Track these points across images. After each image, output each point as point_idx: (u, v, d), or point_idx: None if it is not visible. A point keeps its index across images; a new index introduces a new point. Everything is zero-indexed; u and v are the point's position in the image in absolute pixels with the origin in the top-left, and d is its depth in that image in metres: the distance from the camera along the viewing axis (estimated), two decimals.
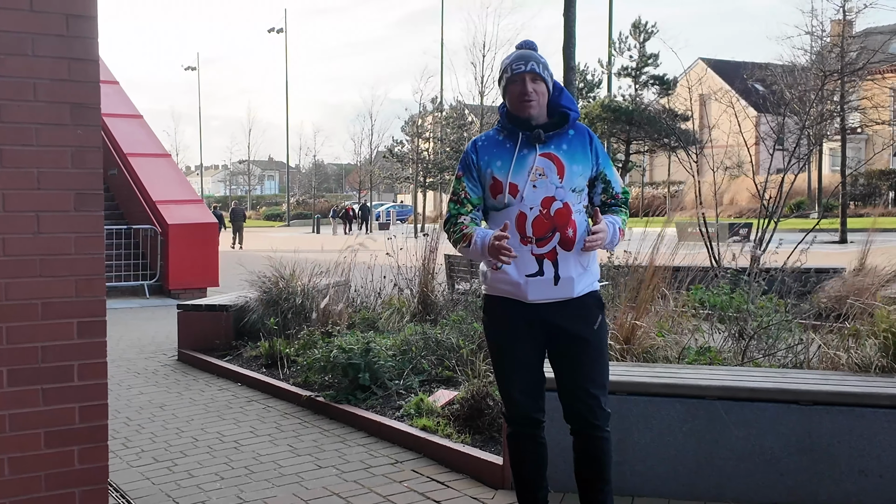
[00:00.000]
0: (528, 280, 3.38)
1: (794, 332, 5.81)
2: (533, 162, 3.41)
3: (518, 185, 3.40)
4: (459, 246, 3.45)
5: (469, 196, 3.49)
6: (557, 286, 3.39)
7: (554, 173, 3.40)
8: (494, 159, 3.45)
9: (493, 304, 3.53)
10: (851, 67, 27.64)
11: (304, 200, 76.60)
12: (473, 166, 3.49)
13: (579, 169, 3.45)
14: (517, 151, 3.43)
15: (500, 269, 3.41)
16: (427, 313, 8.04)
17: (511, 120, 3.48)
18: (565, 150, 3.44)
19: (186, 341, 8.64)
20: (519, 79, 3.41)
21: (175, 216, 14.96)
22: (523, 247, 3.37)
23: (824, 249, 19.87)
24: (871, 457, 4.03)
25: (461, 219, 3.47)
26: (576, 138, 3.49)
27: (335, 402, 6.10)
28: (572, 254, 3.39)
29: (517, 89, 3.41)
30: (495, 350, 3.57)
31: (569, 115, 3.47)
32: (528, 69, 3.40)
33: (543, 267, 3.37)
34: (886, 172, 44.06)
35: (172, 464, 5.16)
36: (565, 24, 8.40)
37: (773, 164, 11.04)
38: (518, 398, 3.52)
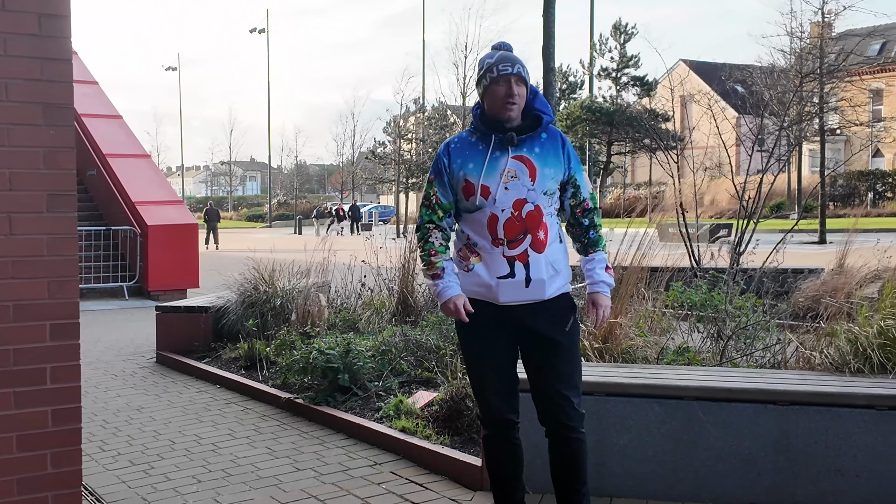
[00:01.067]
0: (500, 282, 3.39)
1: (771, 333, 5.83)
2: (505, 164, 3.41)
3: (490, 187, 3.40)
4: (423, 270, 3.51)
5: (440, 201, 3.51)
6: (529, 288, 3.39)
7: (526, 176, 3.40)
8: (467, 161, 3.45)
9: None
10: (830, 69, 27.85)
11: (286, 201, 76.38)
12: (445, 171, 3.50)
13: (551, 172, 3.45)
14: (490, 153, 3.43)
15: (472, 271, 3.43)
16: (407, 314, 8.03)
17: (484, 122, 3.48)
18: (538, 153, 3.45)
19: (165, 343, 8.58)
20: (504, 80, 3.39)
21: (155, 217, 14.86)
22: (495, 249, 3.39)
23: (804, 250, 20.01)
24: (847, 456, 4.05)
25: (432, 237, 3.51)
26: (548, 141, 3.49)
27: (314, 403, 6.07)
28: (543, 256, 3.41)
29: (502, 91, 3.39)
30: (468, 352, 3.58)
31: (542, 119, 3.47)
32: (515, 72, 3.40)
33: (515, 269, 3.38)
34: (865, 173, 44.47)
35: (149, 467, 5.12)
36: (545, 26, 8.41)
37: (752, 165, 11.09)
38: (491, 400, 3.52)
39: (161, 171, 20.21)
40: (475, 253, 3.45)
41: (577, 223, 3.58)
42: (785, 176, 39.42)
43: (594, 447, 4.14)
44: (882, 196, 43.16)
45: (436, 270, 3.48)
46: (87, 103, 16.16)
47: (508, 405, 3.54)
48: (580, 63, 62.46)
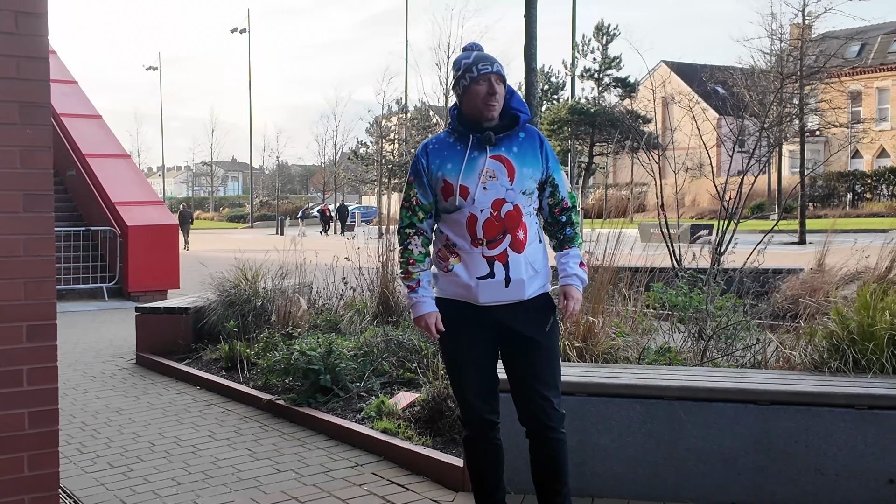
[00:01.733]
0: (480, 282, 3.38)
1: (752, 333, 5.86)
2: (483, 164, 3.40)
3: (469, 187, 3.39)
4: (400, 276, 3.54)
5: (420, 202, 3.49)
6: (508, 288, 3.39)
7: (504, 175, 3.40)
8: (445, 162, 3.44)
9: (445, 307, 3.50)
10: (810, 70, 28.05)
11: (268, 202, 76.13)
12: (424, 172, 3.48)
13: (529, 171, 3.44)
14: (468, 153, 3.42)
15: (451, 272, 3.43)
16: (389, 315, 8.01)
17: (462, 122, 3.47)
18: (515, 153, 3.44)
19: (145, 344, 8.52)
20: (485, 79, 3.38)
21: (135, 218, 14.76)
22: (474, 249, 3.39)
23: (784, 250, 20.14)
24: (827, 456, 4.07)
25: (412, 244, 3.50)
26: (526, 141, 3.48)
27: (295, 405, 6.04)
28: (523, 256, 3.40)
29: (483, 90, 3.38)
30: (448, 353, 3.57)
31: (519, 118, 3.47)
32: (495, 70, 3.38)
33: (494, 269, 3.37)
34: (844, 174, 44.82)
35: (128, 469, 5.07)
36: (526, 26, 8.41)
37: (733, 165, 11.14)
38: (471, 400, 3.51)
39: (141, 171, 20.09)
40: (454, 253, 3.43)
41: (554, 221, 3.57)
42: (765, 177, 39.64)
43: (575, 447, 4.14)
44: (861, 197, 43.52)
45: (411, 282, 3.48)
46: (67, 103, 16.04)
47: (488, 406, 3.52)
48: (563, 64, 62.66)
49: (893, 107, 49.81)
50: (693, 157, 16.66)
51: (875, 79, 50.01)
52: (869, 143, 47.92)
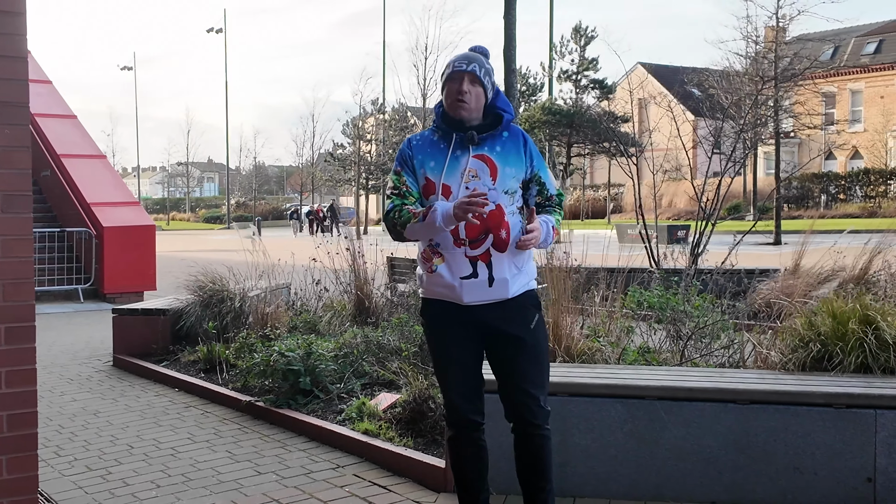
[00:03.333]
0: (463, 282, 3.38)
1: (729, 332, 5.91)
2: (466, 163, 3.40)
3: (451, 186, 3.39)
4: (410, 225, 3.34)
5: (411, 189, 3.45)
6: (492, 287, 3.39)
7: (487, 175, 3.39)
8: (428, 159, 3.44)
9: (430, 307, 3.51)
10: (785, 73, 28.30)
11: (245, 203, 75.79)
12: (409, 162, 3.47)
13: (512, 171, 3.44)
14: (451, 152, 3.42)
15: (435, 272, 3.42)
16: (368, 315, 8.00)
17: (445, 120, 3.47)
18: (499, 152, 3.44)
19: (122, 346, 8.45)
20: (458, 77, 3.39)
21: (110, 218, 14.63)
22: (457, 249, 3.38)
23: (760, 251, 20.30)
24: (805, 454, 4.10)
25: (407, 206, 3.39)
26: (509, 140, 3.48)
27: (275, 406, 6.01)
28: (506, 255, 3.39)
29: (454, 87, 3.40)
30: (433, 352, 3.57)
31: (502, 117, 3.47)
32: (469, 69, 3.39)
33: (477, 269, 3.37)
34: (819, 175, 45.27)
35: (106, 472, 5.03)
36: (505, 27, 8.44)
37: (710, 167, 11.23)
38: (456, 400, 3.51)
39: (117, 171, 19.91)
40: (438, 254, 3.42)
41: (539, 209, 3.53)
42: (741, 178, 39.97)
43: (557, 447, 4.14)
44: (834, 198, 43.98)
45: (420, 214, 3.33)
46: (41, 103, 15.86)
47: (473, 406, 3.52)
48: (540, 66, 62.83)
49: (866, 109, 50.39)
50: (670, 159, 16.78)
51: (848, 80, 50.57)
52: (842, 145, 48.47)
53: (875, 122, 49.37)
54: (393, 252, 11.27)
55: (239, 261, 9.00)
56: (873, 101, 50.00)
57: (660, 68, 55.41)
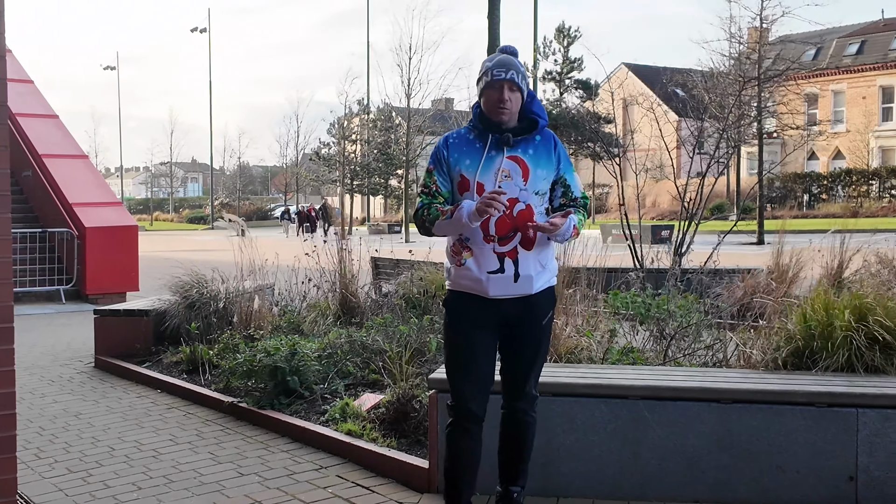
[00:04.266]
0: (490, 276, 3.56)
1: (712, 332, 5.92)
2: (500, 163, 3.57)
3: (485, 184, 3.54)
4: (438, 222, 3.55)
5: (440, 189, 3.63)
6: (517, 283, 3.57)
7: (519, 176, 3.57)
8: (464, 157, 3.61)
9: (456, 299, 3.68)
10: (768, 74, 28.45)
11: (229, 203, 75.49)
12: (444, 161, 3.64)
13: (543, 173, 3.62)
14: (486, 152, 3.59)
15: (464, 265, 3.59)
16: (352, 316, 7.97)
17: (482, 121, 3.63)
18: (531, 155, 3.61)
19: (104, 347, 8.38)
20: (498, 85, 3.55)
21: (92, 219, 14.53)
22: (486, 244, 3.56)
23: (743, 251, 20.41)
24: (788, 453, 4.12)
25: (435, 204, 3.58)
26: (542, 144, 3.66)
27: (258, 407, 5.98)
28: (532, 253, 3.58)
29: (495, 95, 3.55)
30: (454, 342, 3.71)
31: (538, 123, 3.64)
32: (508, 77, 3.55)
33: (504, 264, 3.56)
34: (801, 176, 45.55)
35: (87, 474, 4.99)
36: (489, 28, 8.44)
37: (693, 167, 11.26)
38: (467, 392, 3.66)
39: (99, 172, 19.79)
40: (467, 248, 3.59)
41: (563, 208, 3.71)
42: (724, 178, 40.15)
43: (541, 447, 4.15)
44: (817, 198, 44.25)
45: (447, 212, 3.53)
46: (22, 102, 15.74)
47: (482, 399, 3.70)
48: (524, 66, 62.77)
49: (848, 109, 50.73)
50: (653, 159, 16.83)
51: (831, 81, 50.90)
52: (825, 145, 48.77)
53: (857, 123, 49.72)
54: (377, 251, 11.26)
55: (223, 261, 8.95)
56: (855, 102, 50.36)
57: (643, 69, 55.59)
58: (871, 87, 49.96)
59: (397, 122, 50.37)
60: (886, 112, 49.63)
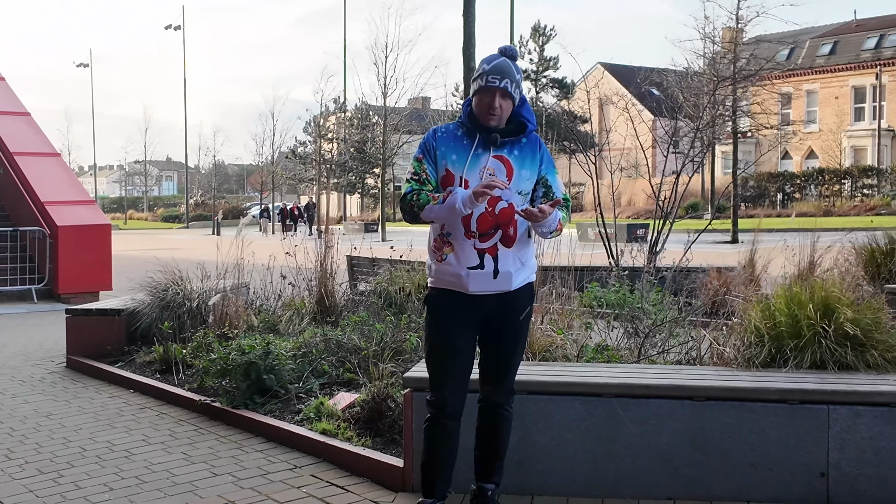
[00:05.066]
0: (470, 272, 3.62)
1: (686, 329, 5.95)
2: (486, 162, 3.64)
3: (470, 181, 3.60)
4: (429, 206, 3.55)
5: (430, 177, 3.66)
6: (497, 279, 3.64)
7: (503, 175, 3.63)
8: (451, 152, 3.66)
9: (437, 296, 3.74)
10: (743, 73, 28.65)
11: (204, 201, 75.00)
12: (432, 151, 3.68)
13: (527, 174, 3.69)
14: (473, 150, 3.64)
15: (445, 261, 3.64)
16: (328, 314, 7.94)
17: (472, 120, 3.68)
18: (516, 156, 3.68)
19: (76, 347, 8.30)
20: (490, 91, 3.60)
21: (65, 218, 14.38)
22: (467, 241, 3.61)
23: (717, 249, 20.53)
24: (761, 450, 4.14)
25: (425, 192, 3.60)
26: (527, 146, 3.72)
27: (232, 407, 5.94)
28: (512, 250, 3.65)
29: (486, 101, 3.61)
30: (434, 338, 3.75)
31: (526, 126, 3.69)
32: (501, 86, 3.60)
33: (484, 261, 3.62)
34: (775, 175, 45.91)
35: (58, 475, 4.93)
36: (465, 25, 8.43)
37: (668, 166, 11.33)
38: (448, 388, 3.71)
39: (72, 170, 19.59)
40: (448, 244, 3.65)
41: None
42: (699, 177, 40.38)
43: (516, 446, 4.15)
44: (790, 197, 44.63)
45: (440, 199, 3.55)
46: None
47: (461, 395, 3.77)
48: None
49: (821, 109, 51.22)
50: (629, 158, 16.91)
51: (804, 81, 51.36)
52: (798, 145, 49.19)
53: (830, 123, 50.21)
54: (356, 248, 11.23)
55: (197, 260, 8.88)
56: (828, 102, 50.86)
57: (619, 68, 55.81)
58: (843, 88, 50.47)
59: (374, 120, 50.24)
60: (858, 112, 50.16)
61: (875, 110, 48.57)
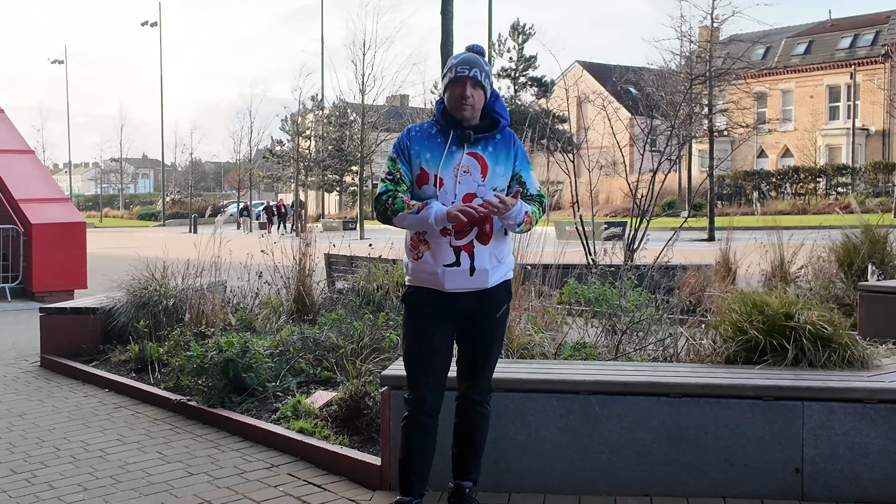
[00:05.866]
0: (446, 270, 3.62)
1: (663, 327, 5.98)
2: (460, 159, 3.65)
3: (444, 179, 3.63)
4: (401, 214, 3.58)
5: (403, 177, 3.67)
6: (473, 277, 3.64)
7: (478, 172, 3.65)
8: (425, 151, 3.67)
9: (415, 294, 3.74)
10: (718, 72, 28.84)
11: (181, 199, 74.48)
12: (406, 150, 3.69)
13: (501, 171, 3.70)
14: (447, 147, 3.65)
15: (421, 259, 3.65)
16: (306, 313, 7.91)
17: (445, 117, 3.69)
18: (491, 153, 3.70)
19: (50, 346, 8.22)
20: (461, 82, 3.63)
21: (39, 215, 14.23)
22: (443, 238, 3.62)
23: (693, 247, 20.65)
24: (736, 447, 4.17)
25: (400, 195, 3.63)
26: (501, 142, 3.74)
27: (209, 406, 5.91)
28: (488, 248, 3.66)
29: (457, 91, 3.63)
30: (412, 336, 3.75)
31: (499, 122, 3.72)
32: (471, 75, 3.62)
33: (460, 258, 3.62)
34: (750, 173, 46.23)
35: (32, 475, 4.88)
36: (442, 23, 8.43)
37: (644, 164, 11.38)
38: (426, 386, 3.72)
39: (46, 167, 19.39)
40: (424, 241, 3.65)
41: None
42: (675, 175, 40.58)
43: (493, 443, 4.16)
44: (766, 195, 44.96)
45: (415, 207, 3.57)
46: None
47: (438, 393, 3.80)
48: None
49: (796, 108, 51.62)
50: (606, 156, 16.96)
51: (779, 80, 51.73)
52: (773, 144, 49.58)
53: (805, 122, 50.62)
54: (334, 245, 11.19)
55: (174, 258, 8.82)
56: (803, 101, 51.26)
57: (598, 67, 55.97)
58: (818, 87, 50.89)
59: (352, 118, 50.11)
60: (833, 111, 50.60)
61: (849, 109, 49.02)
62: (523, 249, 6.94)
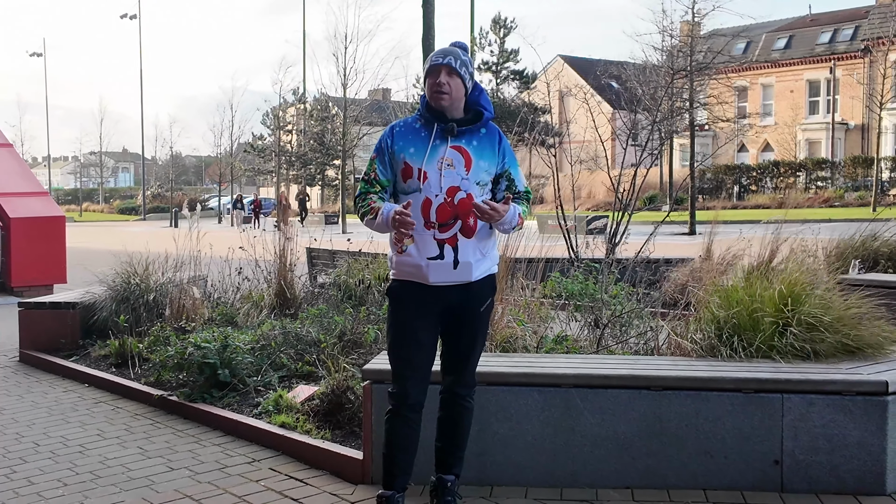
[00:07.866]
0: (429, 263, 3.63)
1: (644, 320, 6.00)
2: (444, 152, 3.66)
3: (429, 172, 3.64)
4: (367, 219, 3.67)
5: (378, 177, 3.72)
6: (457, 270, 3.65)
7: (462, 165, 3.66)
8: (409, 145, 3.69)
9: (399, 287, 3.75)
10: (699, 66, 28.95)
11: (161, 193, 74.08)
12: (387, 150, 3.72)
13: (485, 165, 3.71)
14: (431, 141, 3.67)
15: (405, 252, 3.65)
16: (287, 307, 7.89)
17: (429, 110, 3.71)
18: (475, 146, 3.71)
19: (29, 341, 8.15)
20: (435, 70, 3.65)
21: (17, 209, 14.11)
22: (426, 231, 3.64)
23: (675, 241, 20.75)
24: (716, 439, 4.19)
25: (370, 196, 3.70)
26: (486, 136, 3.75)
27: (190, 401, 5.88)
28: (472, 241, 3.67)
29: (433, 80, 3.65)
30: (396, 330, 3.75)
31: (483, 114, 3.74)
32: (445, 62, 3.65)
33: (444, 251, 3.64)
34: (731, 167, 46.51)
35: (10, 471, 4.85)
36: (424, 15, 8.41)
37: (626, 158, 11.39)
38: (410, 380, 3.71)
39: (25, 161, 19.21)
40: (408, 235, 3.65)
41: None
42: (657, 169, 40.75)
43: (475, 437, 4.16)
44: (746, 189, 45.24)
45: (375, 211, 3.64)
46: None
47: (422, 386, 3.74)
48: None
49: (777, 103, 51.93)
50: (588, 150, 17.01)
51: (760, 75, 52.01)
52: (754, 138, 49.85)
53: (785, 116, 50.93)
54: (315, 240, 11.17)
55: (155, 252, 8.77)
56: (783, 95, 51.57)
57: (579, 61, 56.09)
58: (798, 81, 51.21)
59: (334, 112, 49.96)
60: (813, 105, 50.94)
61: (829, 104, 49.36)
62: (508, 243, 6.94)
